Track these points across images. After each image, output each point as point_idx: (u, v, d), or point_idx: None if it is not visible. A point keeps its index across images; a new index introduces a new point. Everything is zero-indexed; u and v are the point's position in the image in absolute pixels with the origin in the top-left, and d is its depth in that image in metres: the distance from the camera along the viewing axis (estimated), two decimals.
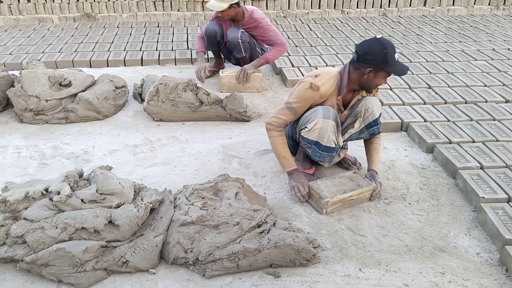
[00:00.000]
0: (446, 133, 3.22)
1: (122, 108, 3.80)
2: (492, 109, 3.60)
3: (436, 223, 2.46)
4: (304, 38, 5.50)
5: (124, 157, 3.09)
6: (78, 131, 3.43)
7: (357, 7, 6.75)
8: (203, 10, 6.52)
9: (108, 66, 4.75)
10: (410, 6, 6.83)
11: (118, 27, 6.03)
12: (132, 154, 3.12)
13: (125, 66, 4.76)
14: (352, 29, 5.94)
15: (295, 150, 2.90)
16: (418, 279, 2.08)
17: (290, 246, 2.08)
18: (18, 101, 3.45)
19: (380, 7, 6.77)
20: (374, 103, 2.62)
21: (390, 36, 5.61)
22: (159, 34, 5.70)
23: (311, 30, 5.87)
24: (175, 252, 2.10)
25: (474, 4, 6.91)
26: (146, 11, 6.50)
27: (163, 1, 6.49)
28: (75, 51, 4.99)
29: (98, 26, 6.10)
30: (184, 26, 6.11)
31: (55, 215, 2.10)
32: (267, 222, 2.19)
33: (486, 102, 3.77)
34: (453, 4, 6.91)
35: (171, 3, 6.50)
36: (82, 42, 5.33)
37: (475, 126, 3.32)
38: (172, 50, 5.04)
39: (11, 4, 6.29)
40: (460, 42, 5.40)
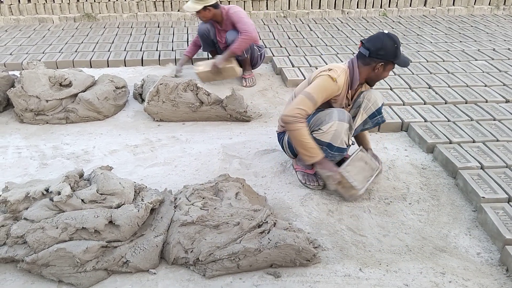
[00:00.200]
0: (446, 133, 3.22)
1: (122, 108, 3.80)
2: (493, 109, 3.60)
3: (436, 223, 2.46)
4: (304, 38, 5.50)
5: (124, 157, 3.09)
6: (79, 131, 3.43)
7: (357, 7, 6.75)
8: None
9: (108, 66, 4.75)
10: (410, 6, 6.83)
11: (118, 27, 6.03)
12: (133, 154, 3.12)
13: (125, 66, 4.77)
14: (352, 29, 5.93)
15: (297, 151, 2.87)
16: (418, 279, 2.08)
17: (291, 246, 2.08)
18: (18, 101, 3.46)
19: (380, 7, 6.77)
20: (376, 94, 2.73)
21: None
22: (159, 34, 5.70)
23: (311, 30, 5.87)
24: (175, 252, 2.10)
25: (475, 4, 6.91)
26: (147, 11, 6.50)
27: (163, 1, 6.49)
28: (76, 51, 5.00)
29: (99, 26, 6.11)
30: (185, 26, 6.11)
31: (55, 215, 2.10)
32: (267, 222, 2.19)
33: (487, 102, 3.77)
34: (453, 4, 6.91)
35: (171, 3, 6.50)
36: (82, 42, 5.33)
37: (476, 126, 3.31)
38: (172, 50, 5.05)
39: (11, 4, 6.30)
40: (461, 42, 5.40)
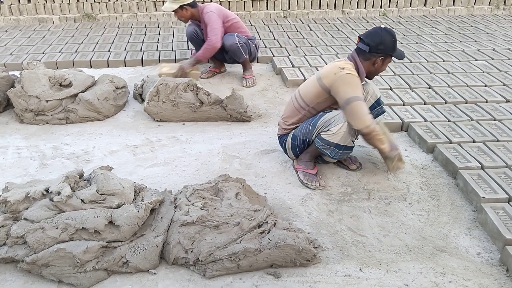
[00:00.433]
0: (446, 133, 3.22)
1: (122, 109, 3.80)
2: (493, 109, 3.60)
3: (436, 223, 2.46)
4: (304, 38, 5.50)
5: (124, 157, 3.09)
6: (79, 132, 3.43)
7: (357, 7, 6.75)
8: None
9: (108, 67, 4.75)
10: (411, 6, 6.83)
11: (118, 28, 6.03)
12: (133, 155, 3.12)
13: (125, 66, 4.77)
14: (352, 29, 5.93)
15: (301, 152, 2.85)
16: (418, 279, 2.08)
17: (291, 246, 2.08)
18: (18, 101, 3.46)
19: (381, 7, 6.77)
20: (373, 86, 2.85)
21: None
22: (159, 34, 5.70)
23: (311, 30, 5.87)
24: (175, 252, 2.10)
25: (475, 4, 6.91)
26: (147, 11, 6.50)
27: (163, 1, 6.49)
28: (76, 52, 5.00)
29: (99, 26, 6.11)
30: (184, 27, 6.09)
31: (55, 216, 2.10)
32: (267, 222, 2.19)
33: (487, 102, 3.77)
34: (453, 4, 6.91)
35: None
36: (82, 43, 5.33)
37: (476, 126, 3.31)
38: (172, 51, 5.04)
39: (11, 4, 6.30)
40: (461, 42, 5.40)
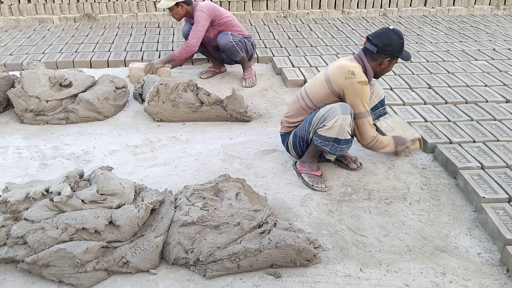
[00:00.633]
0: (446, 133, 3.22)
1: (122, 109, 3.80)
2: (493, 109, 3.60)
3: (436, 223, 2.46)
4: (304, 38, 5.50)
5: (124, 157, 3.09)
6: (79, 132, 3.43)
7: (357, 7, 6.75)
8: None
9: (108, 67, 4.75)
10: (411, 6, 6.83)
11: (118, 28, 6.03)
12: (133, 155, 3.12)
13: (125, 66, 4.76)
14: (353, 29, 5.93)
15: (303, 153, 2.85)
16: (419, 279, 2.08)
17: (291, 246, 2.08)
18: (18, 101, 3.46)
19: (381, 7, 6.77)
20: (378, 86, 2.92)
21: None
22: (159, 34, 5.70)
23: (311, 30, 5.87)
24: (175, 252, 2.10)
25: (475, 4, 6.91)
26: (147, 11, 6.50)
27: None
28: (76, 52, 5.00)
29: (99, 26, 6.11)
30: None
31: (55, 216, 2.10)
32: (267, 222, 2.19)
33: (487, 102, 3.77)
34: (453, 4, 6.90)
35: None
36: (82, 43, 5.33)
37: (476, 126, 3.31)
38: (172, 51, 5.02)
39: (11, 4, 6.30)
40: (461, 42, 5.40)
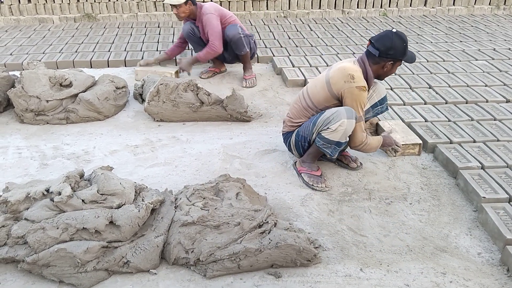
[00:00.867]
0: (447, 133, 3.21)
1: (122, 109, 3.80)
2: (493, 109, 3.60)
3: (437, 223, 2.46)
4: (304, 38, 5.50)
5: (124, 157, 3.09)
6: (79, 132, 3.43)
7: (357, 7, 6.75)
8: None
9: (108, 67, 4.75)
10: (411, 6, 6.83)
11: (118, 28, 6.03)
12: (133, 155, 3.12)
13: (125, 66, 4.76)
14: (353, 29, 5.93)
15: (305, 152, 2.85)
16: (419, 279, 2.08)
17: (291, 246, 2.08)
18: (18, 101, 3.46)
19: (381, 7, 6.77)
20: (380, 85, 2.93)
21: None
22: (159, 34, 5.70)
23: (311, 30, 5.87)
24: (176, 252, 2.10)
25: (475, 4, 6.91)
26: (147, 11, 6.50)
27: (163, 1, 6.48)
28: (76, 52, 5.00)
29: (99, 26, 6.11)
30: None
31: (56, 216, 2.10)
32: (268, 222, 2.19)
33: (487, 102, 3.77)
34: (453, 4, 6.90)
35: None
36: (82, 43, 5.33)
37: (476, 126, 3.31)
38: None
39: (11, 4, 6.30)
40: (461, 42, 5.40)
